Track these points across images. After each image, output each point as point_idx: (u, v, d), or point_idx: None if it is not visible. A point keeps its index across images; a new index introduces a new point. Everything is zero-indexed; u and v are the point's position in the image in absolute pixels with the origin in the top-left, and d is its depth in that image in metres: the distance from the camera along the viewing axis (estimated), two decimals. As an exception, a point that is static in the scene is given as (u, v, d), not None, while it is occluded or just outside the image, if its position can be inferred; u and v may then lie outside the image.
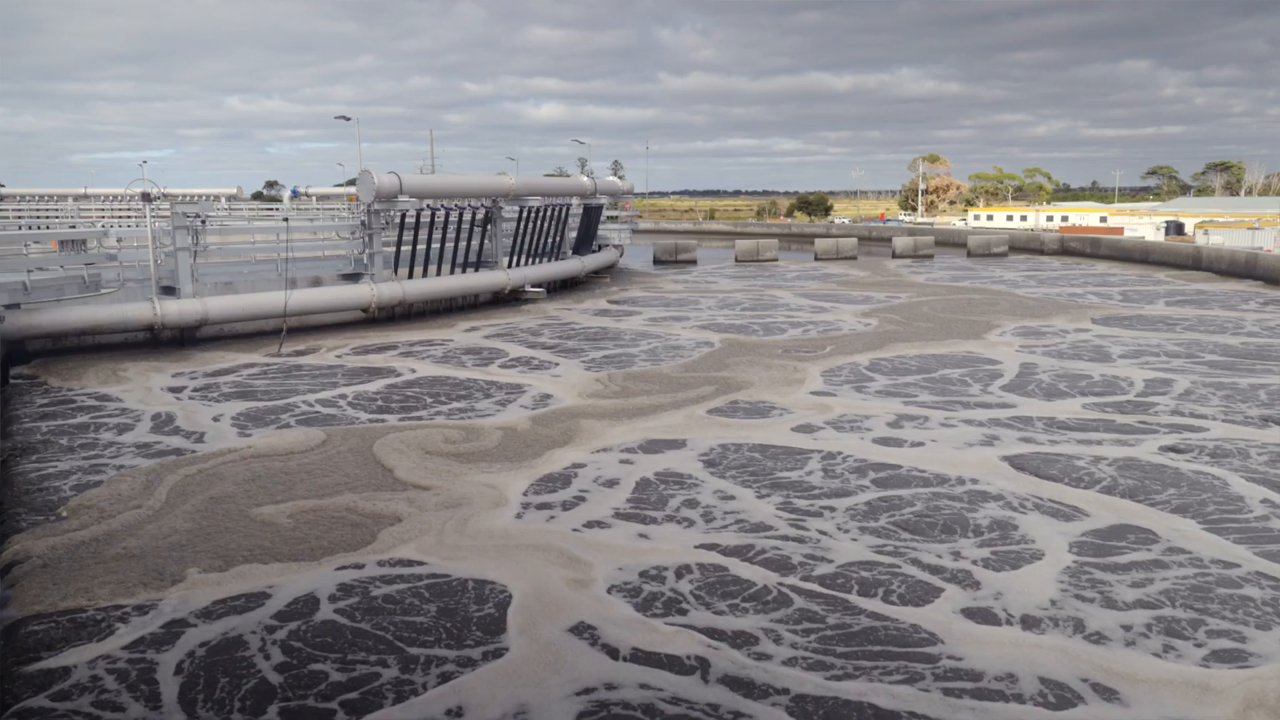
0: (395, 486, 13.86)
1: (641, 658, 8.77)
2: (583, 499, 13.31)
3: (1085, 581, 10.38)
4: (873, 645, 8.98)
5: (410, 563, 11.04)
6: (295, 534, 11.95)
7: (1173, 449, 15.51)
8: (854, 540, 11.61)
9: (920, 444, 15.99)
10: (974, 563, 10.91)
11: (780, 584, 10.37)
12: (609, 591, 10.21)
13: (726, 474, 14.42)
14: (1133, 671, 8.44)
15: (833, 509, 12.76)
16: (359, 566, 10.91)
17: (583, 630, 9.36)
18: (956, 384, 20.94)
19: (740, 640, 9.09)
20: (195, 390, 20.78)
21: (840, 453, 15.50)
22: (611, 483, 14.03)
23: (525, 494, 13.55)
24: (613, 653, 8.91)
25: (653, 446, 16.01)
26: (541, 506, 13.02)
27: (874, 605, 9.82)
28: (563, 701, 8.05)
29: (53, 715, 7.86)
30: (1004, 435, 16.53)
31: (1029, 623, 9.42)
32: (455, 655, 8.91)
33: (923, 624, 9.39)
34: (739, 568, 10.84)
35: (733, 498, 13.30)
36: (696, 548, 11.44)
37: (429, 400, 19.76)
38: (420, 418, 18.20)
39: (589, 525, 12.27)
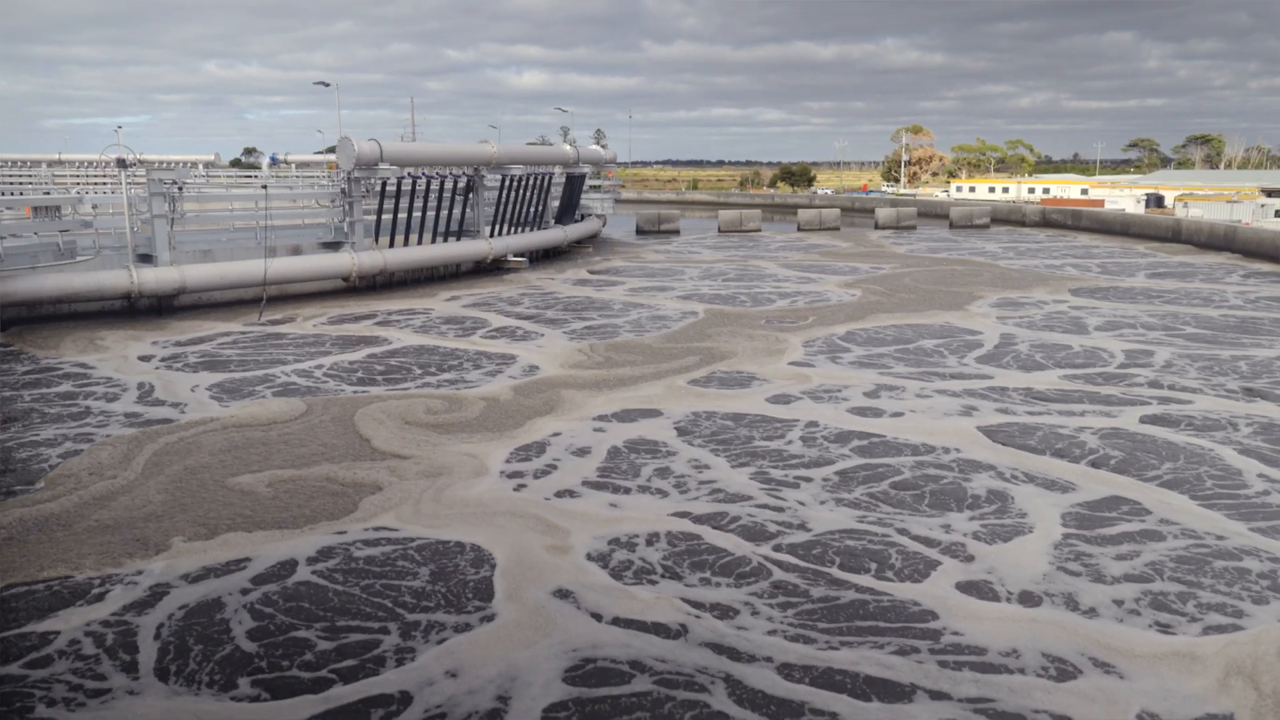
0: (376, 456, 13.84)
1: (625, 623, 8.84)
2: (563, 468, 13.34)
3: (1068, 554, 10.52)
4: (860, 619, 9.09)
5: (394, 530, 11.06)
6: (277, 503, 11.94)
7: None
8: (831, 511, 11.71)
9: (900, 414, 16.10)
10: (963, 535, 11.03)
11: (757, 553, 10.45)
12: (588, 558, 10.26)
13: (706, 444, 14.48)
14: (1122, 644, 8.55)
15: (809, 479, 12.84)
16: (343, 534, 10.92)
17: (567, 595, 9.43)
18: (937, 355, 21.06)
19: (727, 609, 9.18)
20: (174, 359, 20.62)
21: (819, 422, 15.58)
22: (592, 452, 14.06)
23: (506, 463, 13.56)
24: (598, 617, 9.00)
25: (634, 416, 16.04)
26: (522, 475, 13.04)
27: (859, 578, 9.93)
28: (553, 662, 8.20)
29: (37, 682, 7.85)
30: (982, 406, 16.66)
31: (1007, 592, 9.55)
32: (445, 620, 8.99)
33: (908, 595, 9.51)
34: (713, 536, 10.92)
35: (709, 467, 13.36)
36: (671, 515, 11.50)
37: (411, 370, 19.70)
38: (402, 388, 18.15)
39: (569, 494, 12.30)
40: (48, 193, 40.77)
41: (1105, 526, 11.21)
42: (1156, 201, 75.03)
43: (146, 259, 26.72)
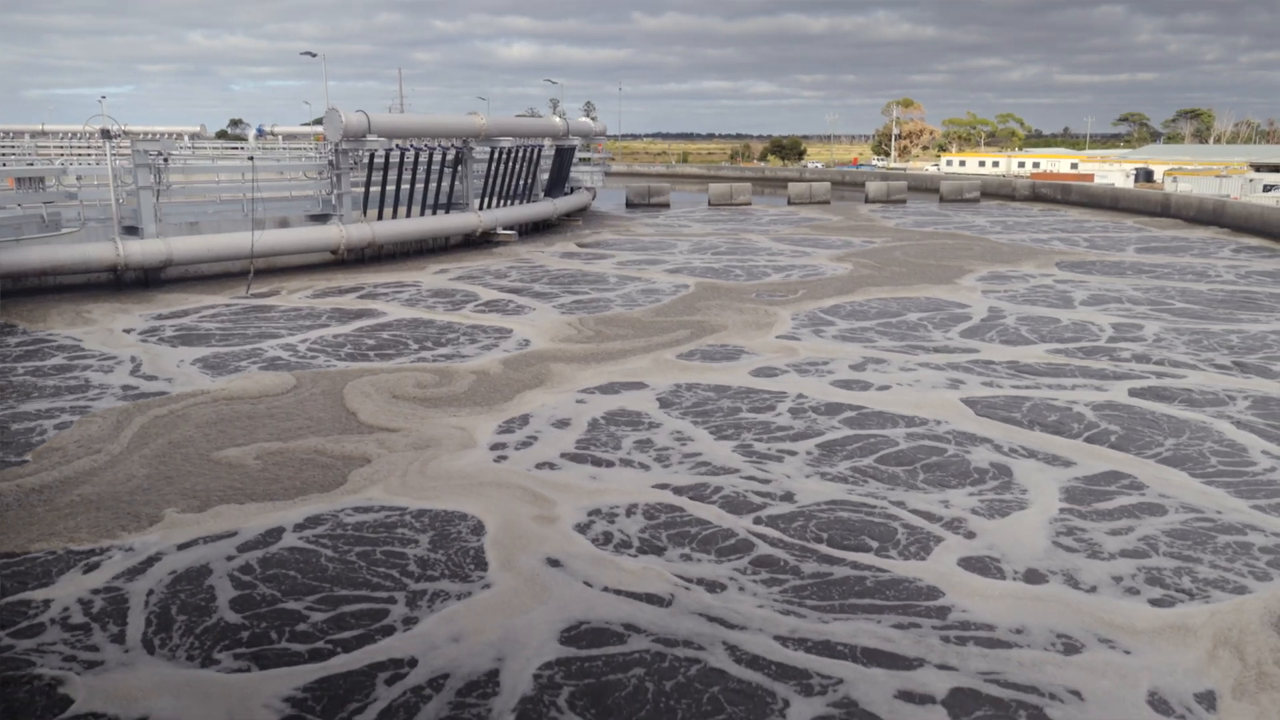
0: (365, 430, 13.85)
1: (617, 592, 8.92)
2: (552, 441, 13.37)
3: (1063, 528, 10.63)
4: (856, 595, 9.18)
5: (384, 502, 11.10)
6: (266, 474, 11.96)
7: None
8: (820, 484, 11.79)
9: (887, 387, 16.17)
10: (961, 509, 11.12)
11: (752, 530, 10.53)
12: (576, 529, 10.32)
13: (694, 417, 14.53)
14: (1123, 619, 8.67)
15: (793, 452, 12.91)
16: (334, 506, 10.96)
17: (558, 565, 9.53)
18: (926, 329, 21.13)
19: (715, 583, 9.26)
20: (162, 333, 20.53)
21: (809, 395, 15.65)
22: (581, 425, 14.10)
23: (496, 435, 13.59)
24: (590, 585, 9.13)
25: (622, 389, 16.07)
26: (511, 448, 13.07)
27: (849, 554, 10.02)
28: (551, 626, 8.38)
29: (37, 648, 7.88)
30: (968, 379, 16.74)
31: (999, 567, 9.66)
32: (443, 589, 9.11)
33: (901, 570, 9.60)
34: (702, 509, 10.99)
35: (694, 439, 13.41)
36: (656, 487, 11.56)
37: (400, 344, 19.66)
38: (392, 361, 18.13)
39: (558, 466, 12.35)
40: (31, 164, 40.34)
41: (1102, 501, 11.31)
42: (1146, 176, 75.13)
43: (132, 231, 26.51)
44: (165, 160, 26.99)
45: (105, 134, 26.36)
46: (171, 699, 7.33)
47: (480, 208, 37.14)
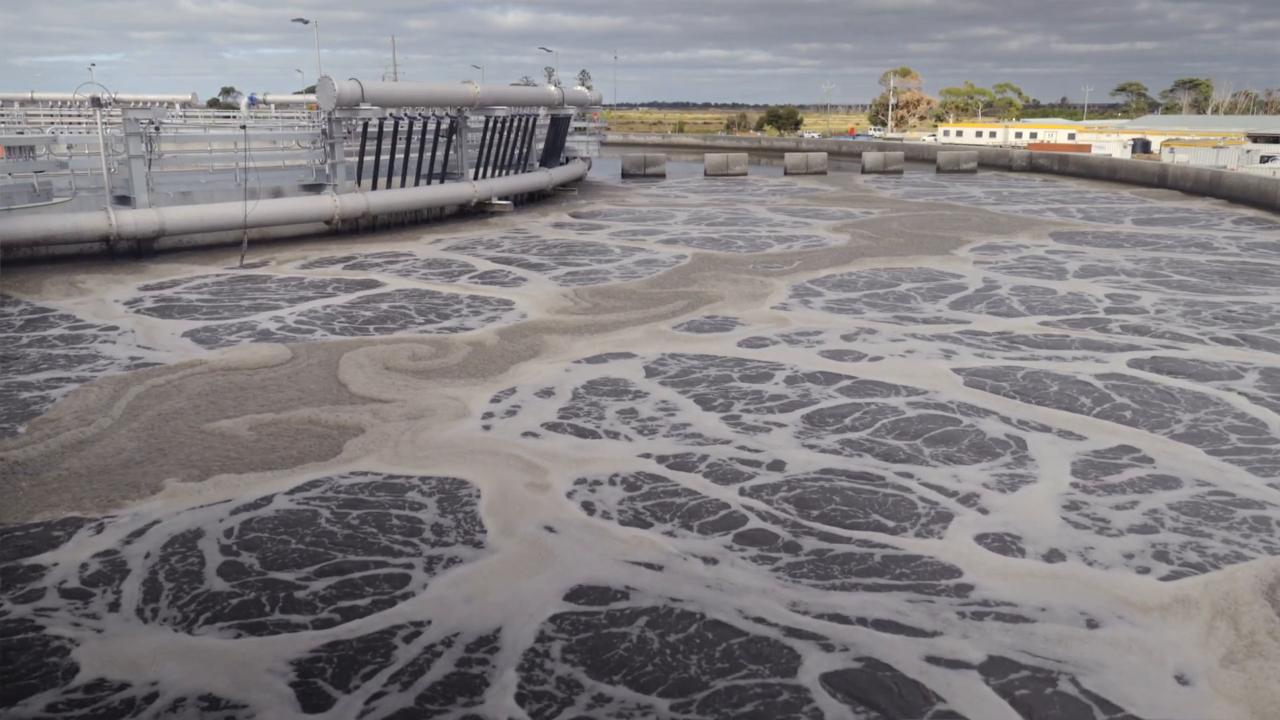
0: (360, 400, 13.84)
1: (617, 558, 8.97)
2: (547, 411, 13.38)
3: (1058, 496, 10.69)
4: (857, 566, 9.24)
5: (382, 471, 11.14)
6: (261, 445, 11.97)
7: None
8: (818, 455, 11.83)
9: (881, 358, 16.18)
10: (971, 483, 11.17)
11: (748, 504, 10.58)
12: (569, 497, 10.36)
13: (689, 388, 14.54)
14: (1135, 595, 8.74)
15: (782, 424, 12.94)
16: (333, 474, 10.99)
17: (558, 530, 9.62)
18: (924, 299, 21.11)
19: (715, 554, 9.31)
20: (156, 303, 20.46)
21: (808, 367, 15.67)
22: (576, 396, 14.11)
23: (490, 406, 13.60)
24: (595, 551, 9.25)
25: (618, 360, 16.07)
26: (506, 418, 13.08)
27: (838, 528, 10.07)
28: (558, 587, 8.58)
29: (44, 610, 7.92)
30: (961, 350, 16.76)
31: (1002, 538, 9.72)
32: (449, 554, 9.26)
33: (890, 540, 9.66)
34: (695, 480, 11.03)
35: (688, 410, 13.43)
36: (657, 459, 11.60)
37: (396, 315, 19.61)
38: (387, 332, 18.09)
39: (553, 435, 12.37)
40: (21, 133, 39.97)
41: (1111, 474, 11.37)
42: (1143, 147, 74.82)
43: (124, 201, 26.32)
44: (157, 129, 26.75)
45: (96, 102, 26.10)
46: (176, 664, 7.40)
47: (475, 178, 36.91)
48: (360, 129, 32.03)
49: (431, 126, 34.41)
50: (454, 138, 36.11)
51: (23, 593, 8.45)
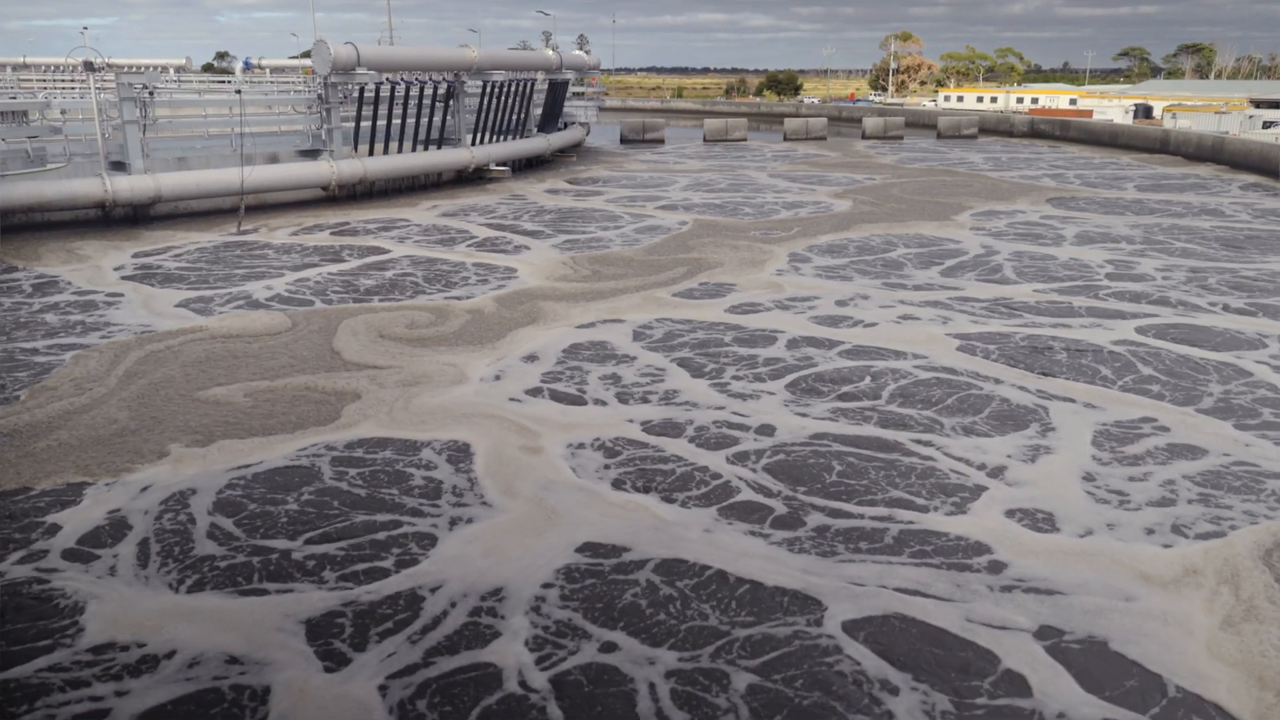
0: (358, 367, 13.83)
1: (624, 520, 9.01)
2: (543, 378, 13.37)
3: (1025, 447, 10.72)
4: (859, 540, 9.26)
5: (384, 434, 11.19)
6: (259, 410, 11.98)
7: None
8: (818, 422, 11.84)
9: (881, 325, 16.16)
10: (957, 446, 11.19)
11: (732, 468, 10.60)
12: (568, 463, 10.38)
13: (690, 354, 14.52)
14: (1152, 568, 8.78)
15: (772, 392, 12.94)
16: (335, 438, 11.01)
17: (563, 491, 9.71)
18: (926, 265, 21.04)
19: (715, 518, 9.34)
20: (154, 270, 20.37)
21: (810, 333, 15.64)
22: (573, 363, 14.09)
23: (488, 372, 13.60)
24: (602, 512, 9.33)
25: (617, 327, 16.03)
26: (503, 384, 13.07)
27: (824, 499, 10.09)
28: (569, 544, 8.72)
29: (52, 573, 7.95)
30: (957, 317, 16.73)
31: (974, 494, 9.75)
32: (457, 513, 9.37)
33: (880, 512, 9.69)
34: (692, 445, 11.05)
35: (689, 376, 13.42)
36: (640, 422, 11.61)
37: (393, 282, 19.54)
38: (385, 299, 18.04)
39: (548, 401, 12.37)
40: (14, 97, 39.59)
41: (1133, 445, 11.39)
42: (1145, 112, 74.33)
43: (119, 166, 26.12)
44: (151, 94, 26.47)
45: (89, 66, 25.81)
46: (189, 624, 7.47)
47: (473, 143, 36.64)
48: (356, 94, 31.72)
49: (428, 92, 34.09)
50: (451, 103, 35.80)
51: (30, 556, 8.48)
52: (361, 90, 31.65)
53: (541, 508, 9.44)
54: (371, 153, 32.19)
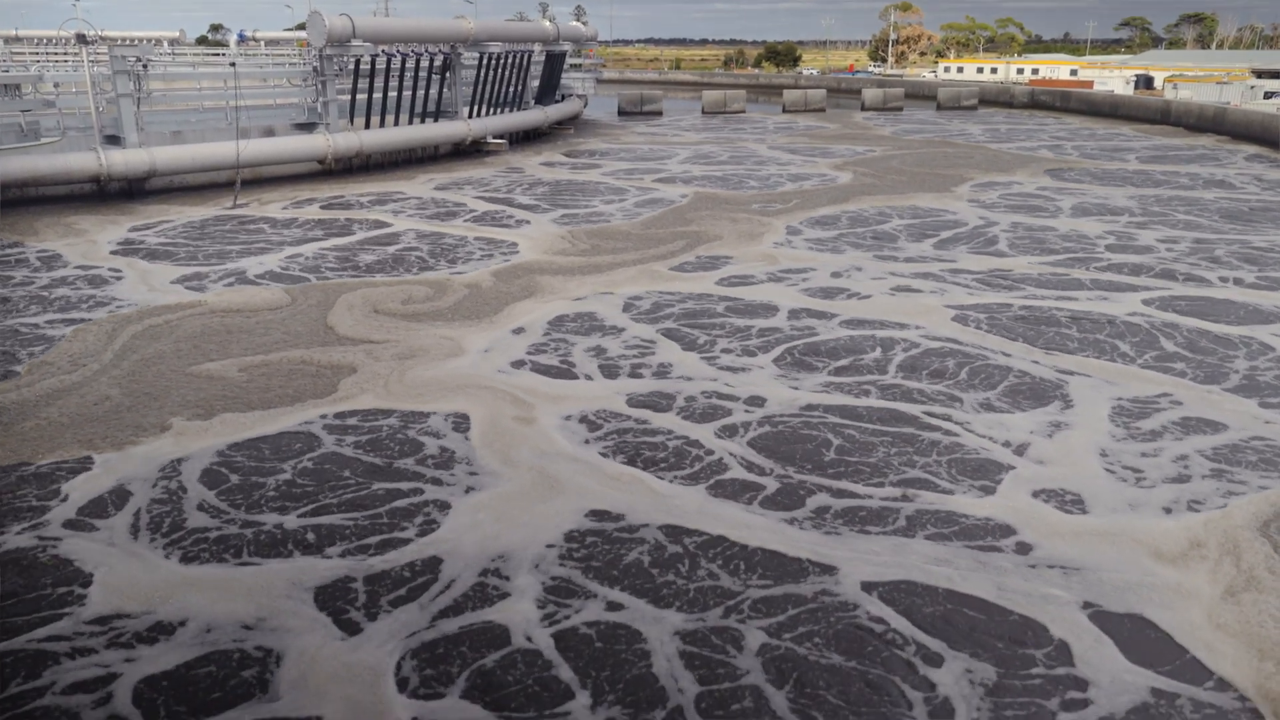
0: (356, 341, 13.81)
1: (630, 489, 9.04)
2: (539, 349, 13.36)
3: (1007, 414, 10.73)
4: (862, 520, 9.28)
5: (384, 406, 11.21)
6: (254, 385, 11.98)
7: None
8: (815, 392, 11.85)
9: (869, 296, 16.13)
10: (961, 414, 11.21)
11: (722, 443, 10.61)
12: (565, 433, 10.39)
13: (689, 326, 14.50)
14: (1151, 538, 8.81)
15: (756, 366, 12.94)
16: (337, 410, 11.03)
17: (565, 461, 9.76)
18: (928, 238, 20.97)
19: (722, 490, 9.37)
20: (151, 245, 20.29)
21: (812, 307, 15.62)
22: (570, 334, 14.08)
23: (486, 345, 13.59)
24: (598, 481, 9.38)
25: (616, 301, 16.00)
26: (500, 357, 13.06)
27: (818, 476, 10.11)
28: (576, 511, 8.85)
29: (67, 541, 7.99)
30: (952, 290, 16.70)
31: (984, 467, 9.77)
32: (461, 479, 9.50)
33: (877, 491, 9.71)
34: (686, 416, 11.06)
35: (688, 349, 13.41)
36: (639, 394, 11.62)
37: (390, 256, 19.48)
38: (382, 274, 17.99)
39: (545, 373, 12.37)
40: (6, 70, 39.23)
41: (1148, 419, 11.40)
42: (1146, 83, 73.81)
43: (114, 140, 25.95)
44: (145, 67, 26.25)
45: (81, 39, 25.55)
46: (195, 594, 7.53)
47: (469, 116, 36.40)
48: (352, 66, 31.46)
49: (425, 63, 33.81)
50: (447, 75, 35.52)
51: (34, 526, 8.52)
52: (357, 62, 31.38)
53: (543, 477, 9.48)
54: (368, 126, 31.98)
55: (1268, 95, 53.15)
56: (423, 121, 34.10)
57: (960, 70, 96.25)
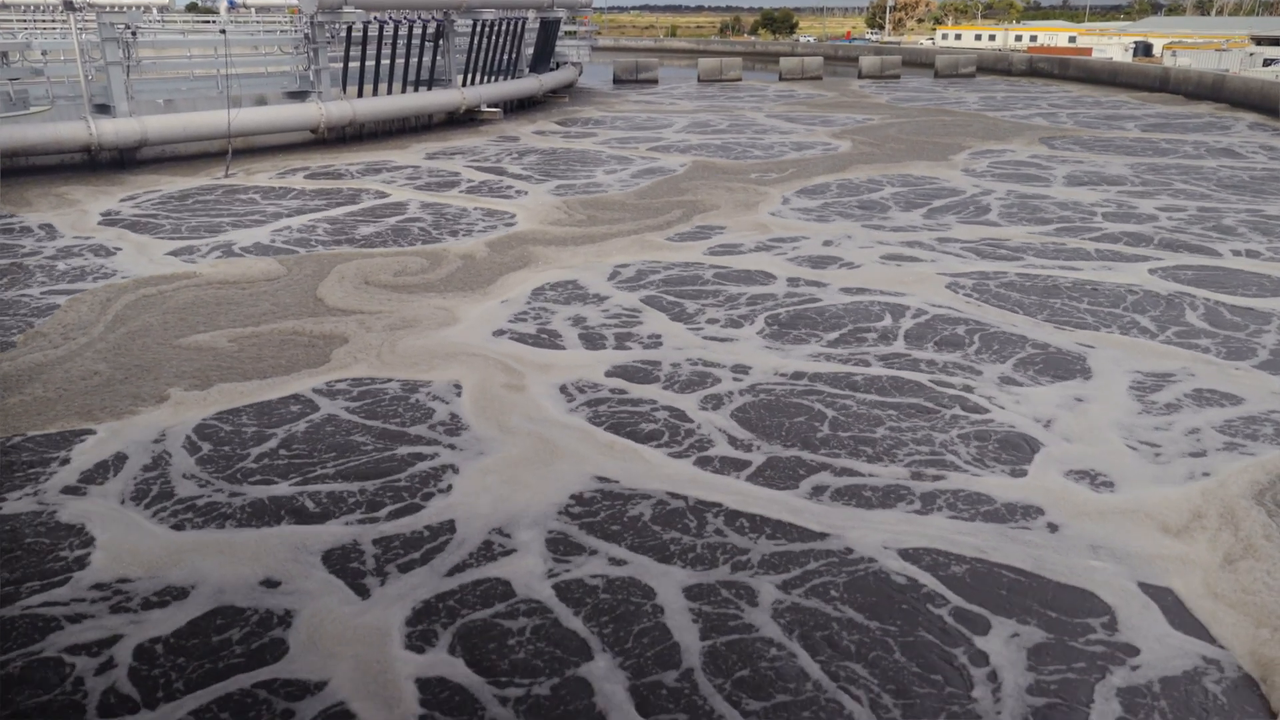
0: (348, 313, 13.75)
1: (632, 457, 9.05)
2: (536, 319, 13.32)
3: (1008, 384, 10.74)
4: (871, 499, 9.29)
5: (381, 375, 11.23)
6: (247, 354, 11.95)
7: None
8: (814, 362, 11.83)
9: (859, 265, 16.08)
10: (965, 384, 11.20)
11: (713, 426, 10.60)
12: (564, 402, 10.39)
13: (683, 297, 14.45)
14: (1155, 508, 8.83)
15: (757, 330, 12.92)
16: (331, 379, 11.05)
17: (563, 429, 9.79)
18: (931, 206, 20.89)
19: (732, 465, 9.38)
20: (143, 216, 20.14)
21: (815, 278, 15.57)
22: (567, 304, 14.03)
23: (481, 315, 13.55)
24: (593, 447, 9.46)
25: (610, 270, 15.95)
26: (496, 326, 13.03)
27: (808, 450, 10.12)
28: (579, 476, 8.88)
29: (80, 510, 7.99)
30: (943, 259, 16.64)
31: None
32: (463, 445, 9.55)
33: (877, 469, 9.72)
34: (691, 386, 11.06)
35: (685, 319, 13.38)
36: (641, 363, 11.62)
37: (384, 226, 19.36)
38: (376, 244, 17.89)
39: (542, 344, 12.34)
40: (-6, 39, 38.68)
41: (1159, 391, 11.40)
42: (1144, 50, 73.35)
43: (104, 109, 25.68)
44: (134, 34, 25.92)
45: (69, 6, 25.20)
46: (200, 558, 7.57)
47: (463, 84, 36.06)
48: (344, 34, 31.09)
49: (418, 31, 33.43)
50: (441, 42, 35.14)
51: (38, 496, 8.55)
52: (349, 30, 31.01)
53: (543, 443, 9.51)
54: (360, 94, 31.68)
55: (1267, 62, 52.82)
56: (416, 90, 33.78)
57: (958, 37, 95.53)
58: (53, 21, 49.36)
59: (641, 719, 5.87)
